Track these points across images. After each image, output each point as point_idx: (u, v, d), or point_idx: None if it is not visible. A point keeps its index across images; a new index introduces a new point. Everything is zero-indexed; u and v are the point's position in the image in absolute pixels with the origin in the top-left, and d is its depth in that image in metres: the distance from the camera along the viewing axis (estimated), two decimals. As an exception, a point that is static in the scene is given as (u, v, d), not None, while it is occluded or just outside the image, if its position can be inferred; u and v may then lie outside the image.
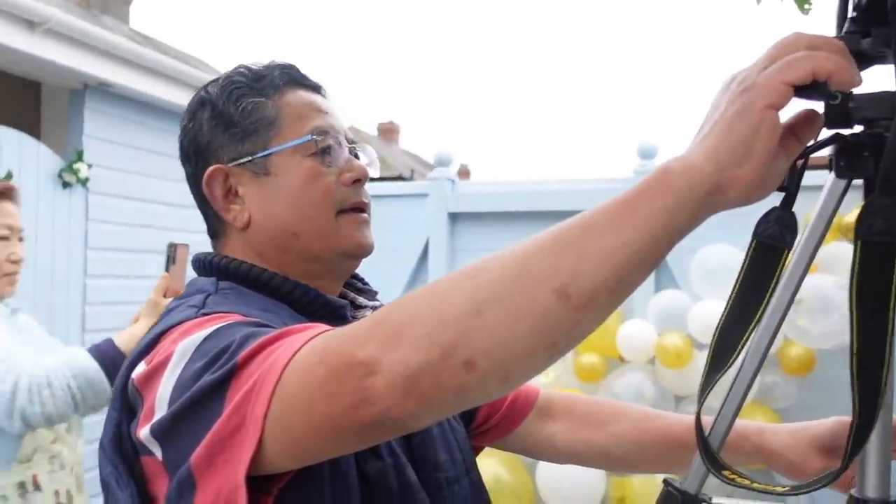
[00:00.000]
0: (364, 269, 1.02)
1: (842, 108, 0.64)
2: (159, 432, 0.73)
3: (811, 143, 0.67)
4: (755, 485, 0.74)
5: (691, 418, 1.01)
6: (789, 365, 3.05)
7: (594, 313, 0.58)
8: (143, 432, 0.75)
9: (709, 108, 0.63)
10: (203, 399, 0.69)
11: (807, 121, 0.63)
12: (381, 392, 0.59)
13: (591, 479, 3.09)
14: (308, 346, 0.65)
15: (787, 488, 0.72)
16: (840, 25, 0.73)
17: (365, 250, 0.94)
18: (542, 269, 0.58)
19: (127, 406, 0.81)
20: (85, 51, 4.28)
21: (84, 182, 4.40)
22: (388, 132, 17.85)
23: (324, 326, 0.71)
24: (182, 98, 4.94)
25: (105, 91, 4.58)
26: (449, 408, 0.63)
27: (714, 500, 0.76)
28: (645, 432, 1.04)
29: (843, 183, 0.72)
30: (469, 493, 0.93)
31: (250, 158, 0.92)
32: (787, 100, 0.59)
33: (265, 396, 0.65)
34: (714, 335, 0.71)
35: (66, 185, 4.33)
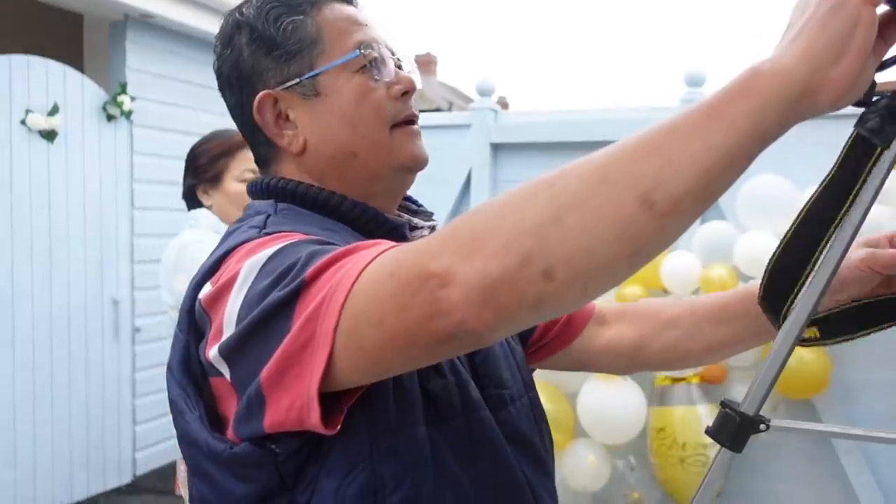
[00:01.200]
0: (408, 198, 1.00)
1: None
2: (227, 352, 0.74)
3: (890, 56, 0.64)
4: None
5: (742, 286, 1.02)
6: None
7: (679, 220, 0.57)
8: (212, 353, 0.75)
9: (793, 11, 0.60)
10: (271, 316, 0.69)
11: (892, 23, 0.60)
12: (457, 303, 0.58)
13: (631, 408, 3.12)
14: (378, 260, 0.65)
15: None
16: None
17: (422, 162, 0.93)
18: (624, 176, 0.56)
19: (194, 328, 0.81)
20: (124, -19, 4.26)
21: (128, 115, 4.44)
22: (425, 64, 17.60)
23: (391, 243, 0.70)
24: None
25: (146, 22, 4.57)
26: (525, 320, 0.61)
27: (773, 422, 0.75)
28: (696, 310, 1.02)
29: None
30: (530, 411, 0.93)
31: (298, 80, 0.89)
32: None
33: (335, 310, 0.64)
34: (789, 232, 0.72)
35: (110, 117, 4.38)
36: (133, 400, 4.64)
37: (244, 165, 2.10)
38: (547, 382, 3.05)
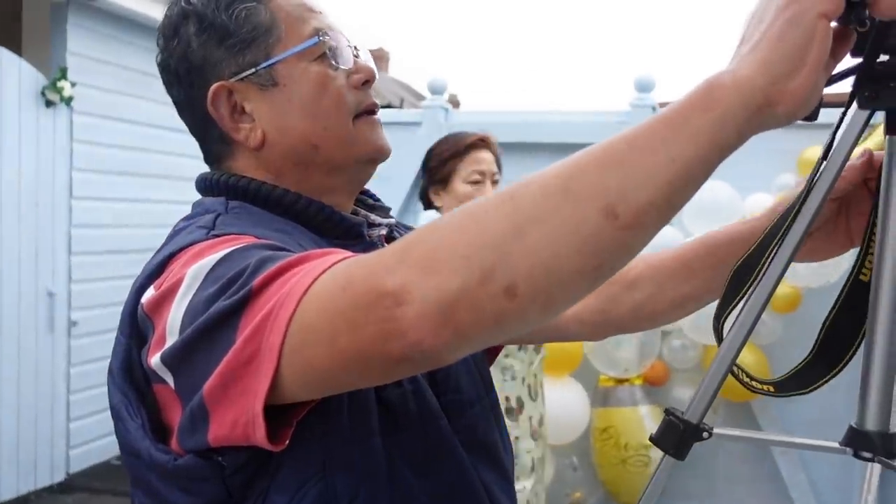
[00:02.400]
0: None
1: (870, 35, 0.62)
2: (171, 360, 0.70)
3: (836, 71, 0.65)
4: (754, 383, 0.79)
5: (699, 238, 0.99)
6: (775, 303, 3.08)
7: (642, 232, 0.56)
8: (154, 360, 0.72)
9: (749, 19, 0.60)
10: (216, 326, 0.66)
11: (841, 38, 0.61)
12: (413, 322, 0.55)
13: (574, 409, 3.15)
14: (330, 272, 0.62)
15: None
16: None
17: (386, 152, 0.91)
18: (587, 188, 0.55)
19: (136, 332, 0.77)
20: (67, -37, 4.12)
21: (68, 101, 4.30)
22: (377, 59, 17.47)
23: (345, 253, 0.67)
24: (168, 16, 4.79)
25: (89, 5, 4.43)
26: (486, 339, 0.59)
27: (715, 430, 0.76)
28: (658, 266, 1.00)
29: (864, 114, 0.70)
30: (489, 413, 0.91)
31: (254, 70, 0.85)
32: (840, 9, 0.56)
33: (281, 324, 0.61)
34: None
35: (49, 103, 4.23)
36: (68, 395, 4.50)
37: (472, 167, 2.18)
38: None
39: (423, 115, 3.77)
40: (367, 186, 0.96)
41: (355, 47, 0.91)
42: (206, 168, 0.93)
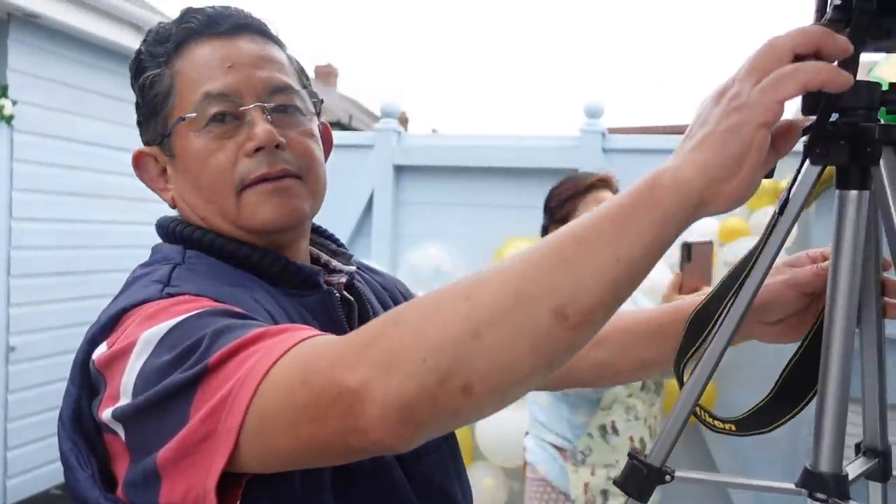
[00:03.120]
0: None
1: (819, 97, 0.65)
2: (123, 418, 0.70)
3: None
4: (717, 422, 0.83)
5: (671, 305, 1.01)
6: None
7: (589, 329, 0.59)
8: (106, 414, 0.72)
9: (698, 115, 0.63)
10: (170, 398, 0.67)
11: (785, 133, 0.64)
12: (374, 422, 0.58)
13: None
14: (289, 358, 0.63)
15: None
16: (820, 11, 0.74)
17: (279, 222, 0.84)
18: (538, 289, 0.58)
19: (88, 384, 0.77)
20: (9, -22, 4.02)
21: (8, 119, 4.17)
22: (325, 75, 17.43)
23: (302, 331, 0.67)
24: (113, 33, 4.71)
25: (31, 22, 4.32)
26: (442, 431, 0.62)
27: (677, 474, 0.78)
28: (626, 328, 1.00)
29: (816, 170, 0.73)
30: (448, 460, 0.91)
31: (160, 139, 0.87)
32: (779, 117, 0.59)
33: (240, 408, 0.62)
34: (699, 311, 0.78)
35: (-12, 121, 4.11)
36: (5, 423, 4.34)
37: (592, 206, 2.16)
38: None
39: (375, 138, 3.78)
40: (321, 212, 0.93)
41: (264, 105, 0.84)
42: (141, 186, 0.94)
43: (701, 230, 3.29)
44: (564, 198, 2.19)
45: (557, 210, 2.20)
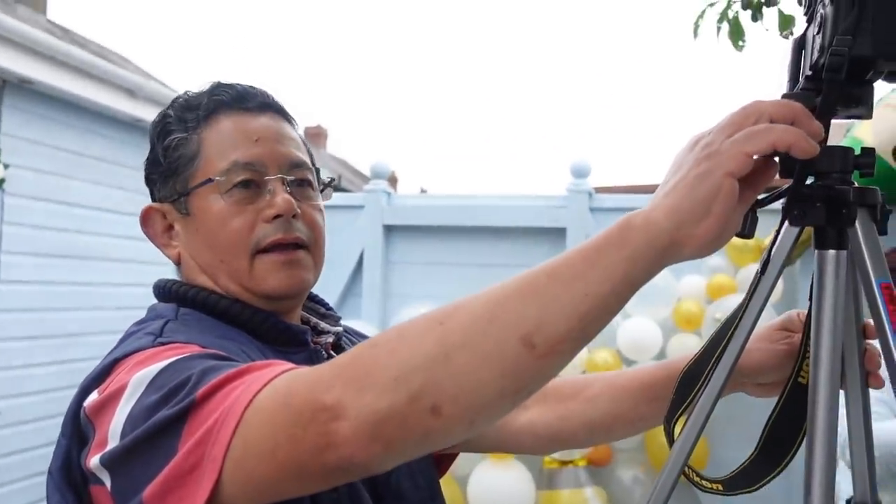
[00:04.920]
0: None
1: (795, 161, 0.68)
2: (110, 463, 0.72)
3: (764, 195, 0.71)
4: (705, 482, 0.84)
5: (661, 363, 1.03)
6: None
7: (557, 360, 0.61)
8: (94, 462, 0.73)
9: (673, 163, 0.66)
10: (158, 434, 0.68)
11: (761, 171, 0.67)
12: (347, 437, 0.60)
13: (519, 491, 3.13)
14: (271, 386, 0.65)
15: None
16: (793, 81, 0.78)
17: (285, 291, 0.90)
18: (509, 317, 0.60)
19: (78, 434, 0.79)
20: (4, 45, 4.09)
21: (0, 183, 4.20)
22: (315, 136, 17.65)
23: (286, 364, 0.70)
24: (104, 97, 4.78)
25: (25, 88, 4.38)
26: (412, 452, 0.64)
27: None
28: (618, 386, 1.02)
29: (795, 230, 0.76)
30: None
31: (177, 197, 0.91)
32: (747, 169, 0.63)
33: (225, 436, 0.64)
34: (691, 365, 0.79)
35: (-20, 185, 4.13)
36: (-13, 490, 4.24)
37: None
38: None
39: (365, 199, 3.82)
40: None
41: (285, 177, 0.90)
42: (135, 247, 0.97)
43: (689, 287, 3.33)
44: None
45: None
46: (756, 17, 2.30)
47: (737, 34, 2.29)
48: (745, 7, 2.30)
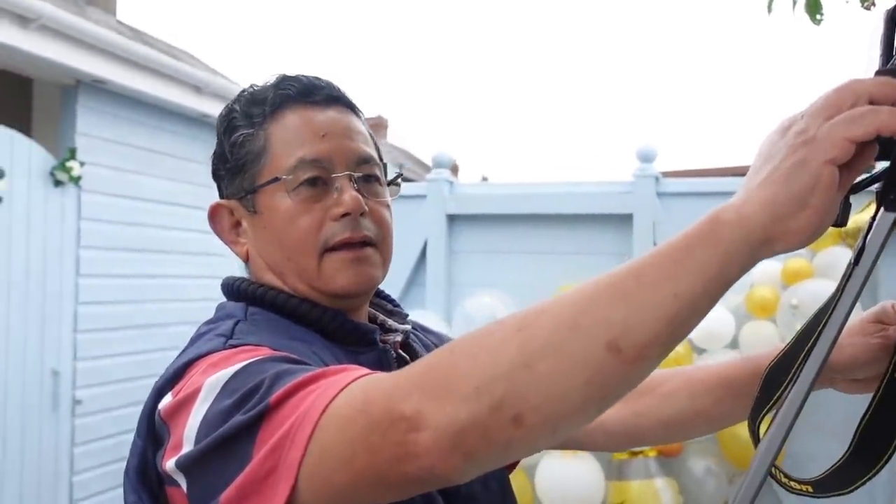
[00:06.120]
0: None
1: (893, 142, 0.63)
2: (185, 467, 0.72)
3: (862, 177, 0.66)
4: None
5: (743, 358, 0.98)
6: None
7: (645, 365, 0.58)
8: (169, 464, 0.73)
9: (762, 149, 0.62)
10: (233, 439, 0.68)
11: (859, 154, 0.61)
12: (427, 447, 0.58)
13: (589, 482, 3.10)
14: (347, 392, 0.64)
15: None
16: (886, 55, 0.73)
17: (354, 290, 0.89)
18: (593, 322, 0.57)
19: (153, 435, 0.79)
20: (78, 47, 4.22)
21: (76, 180, 4.35)
22: (376, 127, 17.76)
23: (361, 370, 0.69)
24: (173, 94, 4.89)
25: (98, 88, 4.52)
26: (495, 462, 0.61)
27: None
28: (697, 381, 0.98)
29: (892, 216, 0.71)
30: None
31: (244, 194, 0.90)
32: (848, 156, 0.58)
33: (302, 442, 0.63)
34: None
35: (58, 183, 4.28)
36: (71, 476, 4.42)
37: None
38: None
39: (427, 188, 3.82)
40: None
41: (353, 174, 0.89)
42: (205, 240, 0.97)
43: (763, 272, 3.21)
44: None
45: None
46: (834, -12, 2.19)
47: (815, 7, 2.18)
48: (821, -22, 2.19)
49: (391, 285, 1.05)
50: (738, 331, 3.19)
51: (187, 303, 5.02)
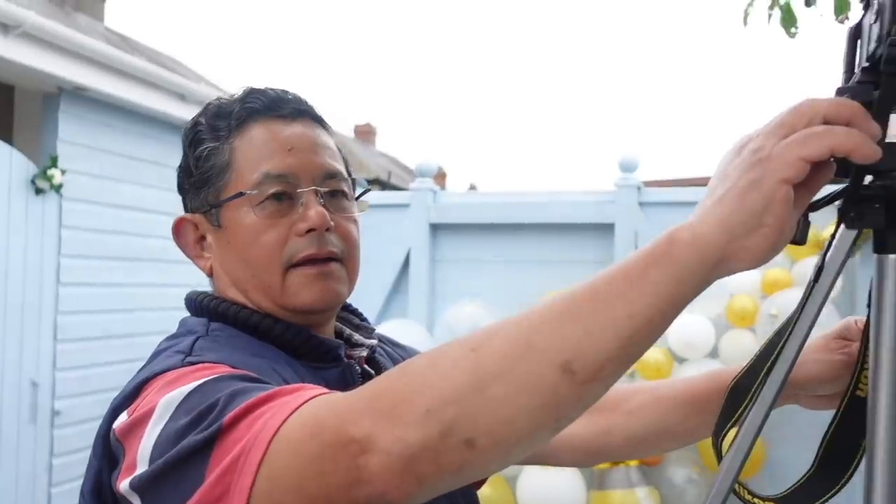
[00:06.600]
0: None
1: (852, 161, 0.64)
2: (139, 488, 0.71)
3: (818, 197, 0.66)
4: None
5: (709, 374, 0.97)
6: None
7: (599, 386, 0.57)
8: (123, 485, 0.72)
9: (718, 169, 0.62)
10: (186, 460, 0.67)
11: (816, 172, 0.61)
12: (377, 472, 0.57)
13: (570, 492, 3.09)
14: (298, 414, 0.63)
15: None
16: (848, 72, 0.73)
17: (319, 305, 0.87)
18: (546, 342, 0.56)
19: (108, 455, 0.78)
20: (60, 54, 4.20)
21: (58, 188, 4.32)
22: (364, 134, 17.77)
23: (316, 389, 0.68)
24: (157, 102, 4.88)
25: (80, 95, 4.50)
26: (448, 486, 0.60)
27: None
28: (664, 398, 0.98)
29: (852, 233, 0.71)
30: None
31: (208, 209, 0.89)
32: (802, 175, 0.57)
33: (252, 467, 0.62)
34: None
35: (39, 191, 4.25)
36: (49, 488, 4.37)
37: None
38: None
39: (411, 198, 3.82)
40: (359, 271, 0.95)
41: (318, 191, 0.87)
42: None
43: (743, 282, 3.23)
44: None
45: None
46: (809, 1, 2.21)
47: (789, 20, 2.20)
48: (797, -9, 2.21)
49: (374, 293, 1.04)
50: (718, 340, 3.21)
51: (169, 312, 4.98)
